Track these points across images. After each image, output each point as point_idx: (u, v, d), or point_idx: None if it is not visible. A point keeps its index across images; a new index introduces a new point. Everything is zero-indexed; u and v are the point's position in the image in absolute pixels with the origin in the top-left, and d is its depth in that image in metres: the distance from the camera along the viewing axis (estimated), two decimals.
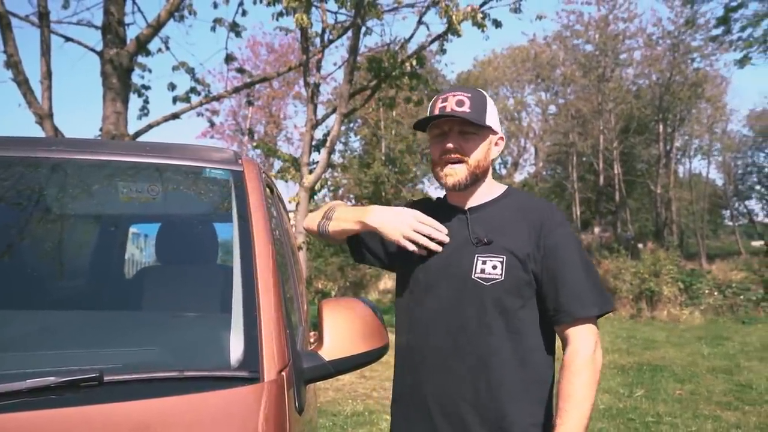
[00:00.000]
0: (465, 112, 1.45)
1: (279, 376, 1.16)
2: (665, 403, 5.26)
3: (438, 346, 1.46)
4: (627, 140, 22.48)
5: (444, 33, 7.53)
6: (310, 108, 7.66)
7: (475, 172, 1.48)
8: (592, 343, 1.38)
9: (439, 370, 1.46)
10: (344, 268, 16.93)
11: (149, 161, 1.56)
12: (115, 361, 1.12)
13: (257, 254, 1.37)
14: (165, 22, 8.22)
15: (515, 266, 1.42)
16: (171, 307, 1.40)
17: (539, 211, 1.48)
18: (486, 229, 1.48)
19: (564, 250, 1.42)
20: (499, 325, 1.42)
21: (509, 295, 1.42)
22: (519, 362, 1.42)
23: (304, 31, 7.31)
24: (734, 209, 34.51)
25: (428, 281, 1.51)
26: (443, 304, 1.47)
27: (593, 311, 1.39)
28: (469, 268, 1.44)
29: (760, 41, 13.31)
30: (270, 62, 20.45)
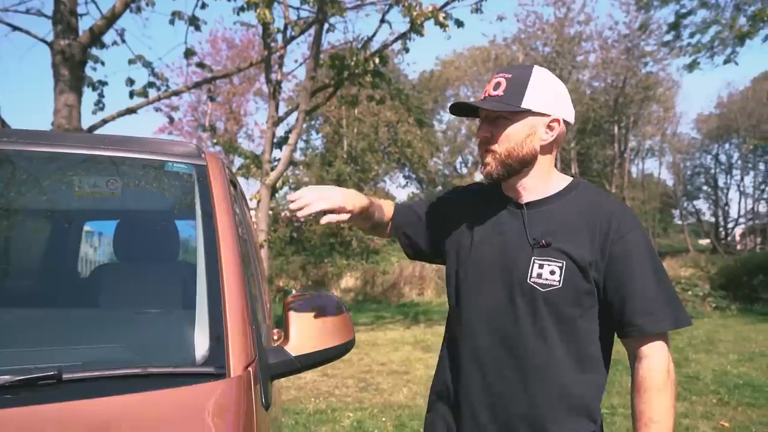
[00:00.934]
0: (491, 96, 1.32)
1: (245, 372, 1.15)
2: (619, 395, 5.42)
3: (490, 349, 1.36)
4: (583, 141, 23.12)
5: (407, 32, 7.57)
6: (272, 105, 7.58)
7: (507, 162, 1.33)
8: (666, 360, 1.29)
9: (490, 375, 1.36)
10: (306, 267, 16.84)
11: (108, 154, 1.52)
12: (75, 358, 1.09)
13: (222, 249, 1.35)
14: (120, 14, 7.99)
15: (575, 273, 1.29)
16: (133, 304, 1.37)
17: (608, 211, 1.33)
18: (545, 228, 1.33)
19: (635, 258, 1.29)
20: (555, 334, 1.31)
21: (567, 303, 1.31)
22: (575, 374, 1.32)
23: (266, 27, 7.22)
24: (683, 209, 35.91)
25: (479, 278, 1.40)
26: (496, 305, 1.36)
27: (666, 326, 1.29)
28: (525, 271, 1.32)
29: (707, 47, 13.88)
30: (230, 58, 20.11)
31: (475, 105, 1.35)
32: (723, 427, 4.46)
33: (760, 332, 9.45)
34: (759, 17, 11.63)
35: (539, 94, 1.32)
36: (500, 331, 1.35)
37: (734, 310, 12.28)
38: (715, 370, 6.42)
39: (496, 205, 1.42)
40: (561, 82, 1.40)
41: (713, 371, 6.37)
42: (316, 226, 18.00)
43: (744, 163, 32.32)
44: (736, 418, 4.68)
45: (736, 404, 5.06)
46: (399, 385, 5.95)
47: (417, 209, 1.58)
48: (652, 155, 30.37)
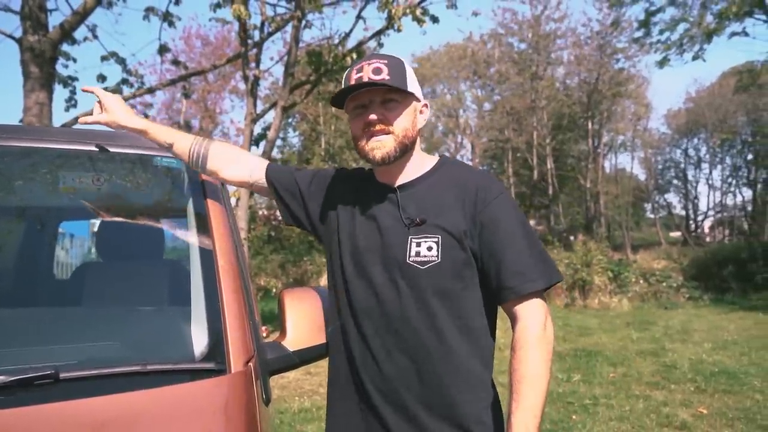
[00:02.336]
0: (385, 80, 1.31)
1: (246, 368, 1.13)
2: (600, 385, 5.51)
3: (377, 333, 1.35)
4: (558, 136, 23.40)
5: (385, 28, 7.55)
6: (249, 101, 7.50)
7: (404, 142, 1.36)
8: (542, 318, 1.28)
9: (379, 359, 1.35)
10: (285, 265, 16.72)
11: (96, 149, 1.47)
12: (72, 357, 1.05)
13: (217, 245, 1.33)
14: (92, 9, 7.79)
15: (451, 245, 1.31)
16: (131, 302, 1.33)
17: (474, 182, 1.36)
18: (418, 207, 1.36)
19: (503, 222, 1.32)
20: (441, 311, 1.32)
21: (448, 277, 1.31)
22: (464, 348, 1.33)
23: (243, 24, 7.13)
24: (655, 202, 36.65)
25: (359, 264, 1.39)
26: (378, 289, 1.35)
27: (539, 284, 1.29)
28: (403, 252, 1.33)
29: (676, 44, 14.17)
30: (205, 55, 19.81)
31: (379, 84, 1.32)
32: (701, 413, 4.56)
33: (731, 321, 9.70)
34: (725, 15, 11.92)
35: (413, 80, 1.39)
36: (385, 314, 1.34)
37: (707, 300, 12.58)
38: (692, 359, 6.56)
39: (372, 191, 1.43)
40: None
41: (689, 360, 6.51)
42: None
43: (712, 157, 33.14)
44: (713, 405, 4.79)
45: (713, 391, 5.18)
46: None
47: (297, 178, 1.55)
48: (624, 150, 30.92)
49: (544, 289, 1.32)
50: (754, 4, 11.81)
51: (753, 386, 5.29)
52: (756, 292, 12.98)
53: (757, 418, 4.35)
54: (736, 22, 12.90)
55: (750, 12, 12.36)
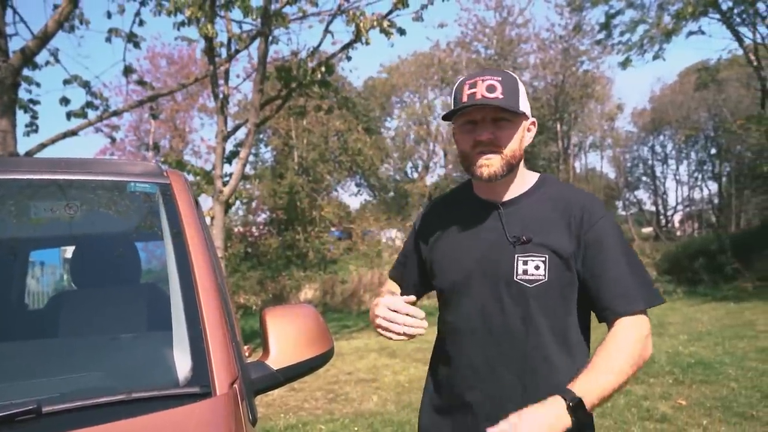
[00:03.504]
0: (498, 98, 1.32)
1: (231, 389, 1.13)
2: None
3: (481, 351, 1.38)
4: None
5: (353, 41, 7.61)
6: (220, 120, 7.46)
7: (511, 162, 1.37)
8: (644, 331, 1.31)
9: (484, 378, 1.37)
10: (263, 282, 16.59)
11: (66, 178, 1.47)
12: (54, 390, 1.04)
13: (196, 267, 1.33)
14: (54, 33, 7.68)
15: (558, 265, 1.33)
16: (110, 330, 1.32)
17: (578, 202, 1.38)
18: (523, 225, 1.37)
19: (607, 244, 1.33)
20: (545, 329, 1.34)
21: (555, 296, 1.34)
22: (565, 364, 1.35)
23: (210, 42, 7.11)
24: (626, 199, 37.41)
25: (462, 284, 1.42)
26: (483, 308, 1.38)
27: (639, 306, 1.31)
28: (509, 270, 1.34)
29: (637, 45, 14.57)
30: (171, 74, 19.65)
31: (495, 104, 1.33)
32: (680, 405, 4.67)
33: (704, 312, 9.95)
34: (681, 15, 12.31)
35: (524, 99, 1.39)
36: (490, 331, 1.37)
37: (680, 293, 12.86)
38: (669, 352, 6.70)
39: (473, 209, 1.45)
40: None
41: (667, 353, 6.65)
42: (271, 241, 17.77)
43: (678, 153, 34.02)
44: (691, 396, 4.90)
45: (690, 382, 5.30)
46: (368, 393, 5.93)
47: (406, 249, 1.62)
48: (595, 150, 31.53)
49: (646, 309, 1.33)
50: (708, 4, 12.23)
51: (728, 375, 5.43)
52: (726, 283, 13.33)
53: (734, 406, 4.47)
54: (693, 22, 13.34)
55: (705, 12, 12.79)
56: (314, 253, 17.41)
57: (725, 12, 13.19)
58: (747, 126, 13.56)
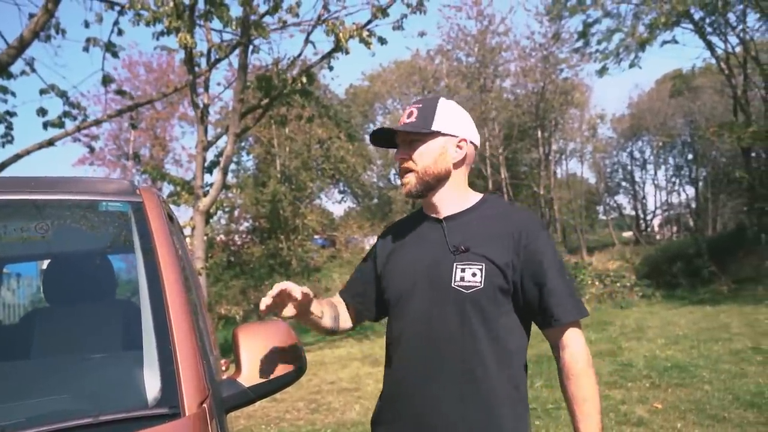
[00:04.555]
0: (405, 123, 1.49)
1: (201, 409, 1.14)
2: None
3: (422, 354, 1.46)
4: (510, 146, 23.97)
5: (332, 50, 7.64)
6: (200, 129, 7.43)
7: (425, 179, 1.49)
8: (584, 345, 1.44)
9: (424, 382, 1.45)
10: (246, 291, 16.48)
11: (37, 198, 1.47)
12: (19, 415, 1.05)
13: (167, 285, 1.34)
14: (29, 43, 7.61)
15: (494, 273, 1.42)
16: (78, 350, 1.32)
17: (519, 218, 1.48)
18: (463, 236, 1.47)
19: (545, 258, 1.44)
20: (481, 333, 1.42)
21: (489, 302, 1.42)
22: (501, 369, 1.43)
23: (189, 51, 7.09)
24: (606, 204, 37.90)
25: (407, 292, 1.51)
26: (424, 314, 1.46)
27: (575, 316, 1.43)
28: (448, 277, 1.44)
29: (614, 53, 14.84)
30: (150, 82, 19.51)
31: (393, 128, 1.51)
32: (656, 408, 4.75)
33: (682, 316, 10.11)
34: (655, 25, 12.57)
35: (446, 118, 1.50)
36: (430, 337, 1.45)
37: (659, 296, 13.06)
38: (646, 356, 6.81)
39: (419, 224, 1.57)
40: (465, 111, 1.58)
41: (644, 357, 6.76)
42: (253, 249, 17.67)
43: (656, 159, 34.59)
44: (667, 399, 4.99)
45: (666, 386, 5.40)
46: (350, 402, 5.94)
47: (361, 269, 1.70)
48: (576, 156, 31.91)
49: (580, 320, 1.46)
50: (681, 14, 12.51)
51: (702, 378, 5.54)
52: (703, 286, 13.57)
53: (707, 408, 4.56)
54: (666, 31, 13.63)
55: (677, 22, 13.08)
56: (297, 261, 17.35)
57: (697, 22, 13.50)
58: (720, 132, 13.86)
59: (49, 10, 7.60)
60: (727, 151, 24.83)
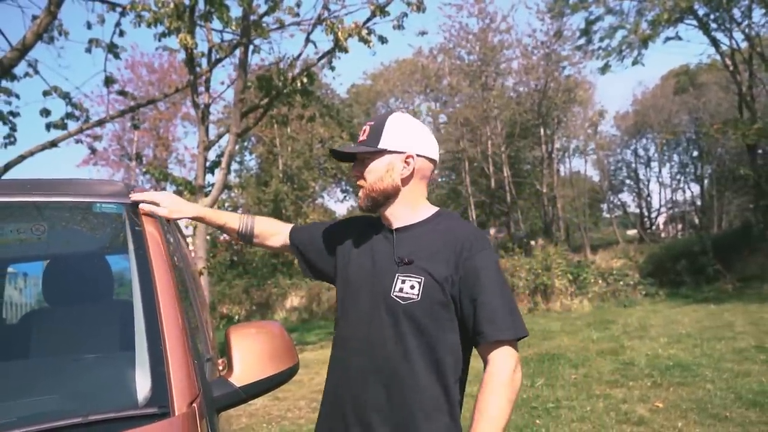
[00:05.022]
0: (360, 141, 1.56)
1: (190, 409, 1.16)
2: (563, 388, 5.66)
3: (358, 359, 1.51)
4: (513, 144, 23.95)
5: (332, 50, 7.65)
6: (201, 129, 7.45)
7: (371, 195, 1.55)
8: (511, 365, 1.41)
9: (357, 382, 1.50)
10: (249, 290, 16.52)
11: (33, 200, 1.49)
12: (10, 414, 1.06)
13: (158, 287, 1.35)
14: (32, 45, 7.65)
15: (432, 287, 1.45)
16: (69, 351, 1.34)
17: (463, 234, 1.51)
18: (410, 249, 1.51)
19: (483, 274, 1.45)
20: (414, 344, 1.45)
21: (425, 315, 1.45)
22: (433, 381, 1.45)
23: (190, 52, 7.12)
24: (610, 202, 37.81)
25: (353, 295, 1.57)
26: (364, 318, 1.52)
27: (507, 335, 1.42)
28: (389, 287, 1.48)
29: (616, 50, 14.79)
30: (152, 82, 19.57)
31: (339, 150, 1.59)
32: (657, 408, 4.74)
33: (685, 314, 10.09)
34: (657, 22, 12.53)
35: (394, 136, 1.54)
36: (366, 342, 1.50)
37: (662, 295, 13.03)
38: (648, 355, 6.80)
39: (374, 232, 1.62)
40: (419, 124, 1.61)
41: (646, 356, 6.75)
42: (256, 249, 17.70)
43: (660, 156, 34.43)
44: (668, 398, 4.98)
45: (668, 385, 5.39)
46: None
47: (314, 232, 1.77)
48: (579, 154, 31.82)
49: (514, 340, 1.44)
50: (684, 10, 12.46)
51: (704, 377, 5.53)
52: (708, 284, 13.52)
53: (708, 408, 4.55)
54: (670, 28, 13.59)
55: (681, 18, 13.03)
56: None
57: (701, 18, 13.44)
58: (725, 130, 13.80)
59: (52, 12, 7.64)
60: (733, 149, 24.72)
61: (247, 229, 1.76)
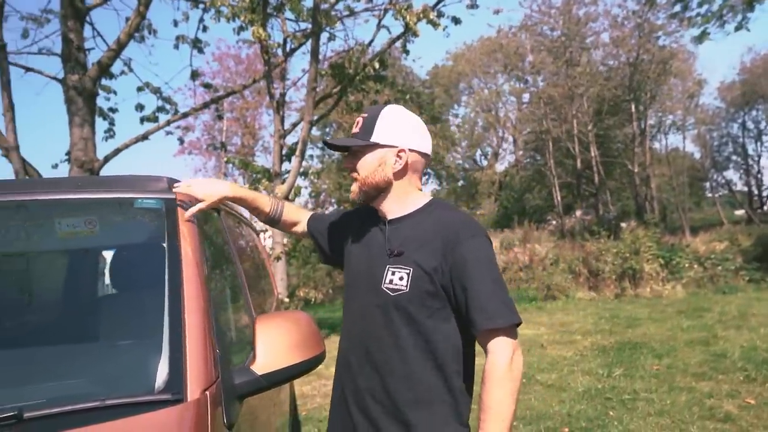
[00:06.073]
0: (352, 133, 1.58)
1: (203, 395, 1.22)
2: (642, 379, 5.37)
3: (356, 348, 1.57)
4: (601, 122, 22.72)
5: (402, 34, 7.61)
6: (276, 118, 7.71)
7: (363, 189, 1.57)
8: (508, 354, 1.40)
9: (355, 371, 1.56)
10: (332, 273, 16.96)
11: (79, 197, 1.61)
12: (38, 396, 1.17)
13: (185, 279, 1.43)
14: (125, 44, 8.21)
15: (421, 278, 1.47)
16: (99, 338, 1.45)
17: (452, 223, 1.51)
18: (401, 240, 1.53)
19: (471, 262, 1.44)
20: (405, 334, 1.48)
21: (414, 305, 1.47)
22: (427, 370, 1.47)
23: (264, 44, 7.35)
24: (713, 181, 35.00)
25: (352, 287, 1.64)
26: (360, 309, 1.58)
27: (499, 323, 1.40)
28: (380, 278, 1.52)
29: (716, 15, 13.53)
30: (240, 73, 20.40)
31: (331, 143, 1.62)
32: (748, 404, 4.39)
33: None
34: None
35: (386, 129, 1.55)
36: (362, 332, 1.56)
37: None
38: (744, 346, 6.29)
39: (371, 223, 1.65)
40: (414, 118, 1.59)
41: (741, 347, 6.24)
42: None
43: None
44: (762, 394, 4.60)
45: (763, 380, 4.97)
46: None
47: (328, 221, 1.83)
48: (675, 130, 29.66)
49: (509, 326, 1.43)
50: None
51: None
52: None
53: None
54: None
55: None
56: None
57: None
58: None
59: (141, 12, 8.15)
60: None
61: (276, 214, 1.84)
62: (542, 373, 5.89)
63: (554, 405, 4.75)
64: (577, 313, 9.94)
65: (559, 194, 23.86)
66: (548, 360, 6.46)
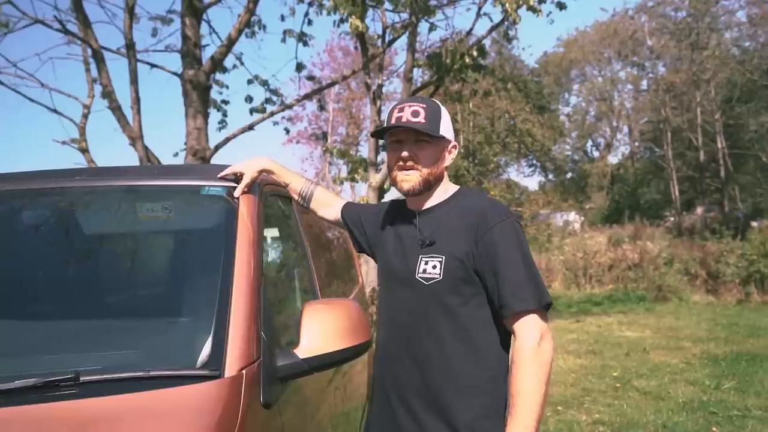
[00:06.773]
0: (420, 123, 1.53)
1: (240, 373, 1.29)
2: (758, 395, 4.87)
3: (394, 340, 1.59)
4: (731, 110, 20.60)
5: (501, 21, 7.39)
6: (372, 109, 7.83)
7: (428, 179, 1.57)
8: (536, 337, 1.41)
9: (395, 362, 1.58)
10: None
11: (150, 184, 1.76)
12: (95, 364, 1.30)
13: (236, 264, 1.51)
14: (236, 40, 8.71)
15: (453, 265, 1.49)
16: (158, 315, 1.58)
17: (481, 209, 1.53)
18: (432, 230, 1.56)
19: (502, 247, 1.46)
20: (442, 322, 1.50)
21: (448, 293, 1.49)
22: (465, 358, 1.49)
23: (361, 35, 7.48)
24: None
25: (388, 279, 1.66)
26: (397, 302, 1.60)
27: (530, 305, 1.42)
28: (414, 268, 1.54)
29: None
30: (347, 64, 20.89)
31: (416, 128, 1.53)
32: None
33: None
34: None
35: (447, 124, 1.60)
36: (399, 323, 1.58)
37: None
38: None
39: (401, 216, 1.68)
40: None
41: None
42: None
43: None
44: None
45: None
46: None
47: (362, 212, 1.88)
48: None
49: (539, 309, 1.44)
50: None
51: None
52: None
53: None
54: None
55: None
56: None
57: None
58: None
59: (250, 9, 8.61)
60: None
61: (307, 194, 1.90)
62: (640, 378, 5.54)
63: (649, 414, 4.45)
64: (689, 318, 9.20)
65: (678, 189, 22.03)
66: (649, 366, 6.05)
